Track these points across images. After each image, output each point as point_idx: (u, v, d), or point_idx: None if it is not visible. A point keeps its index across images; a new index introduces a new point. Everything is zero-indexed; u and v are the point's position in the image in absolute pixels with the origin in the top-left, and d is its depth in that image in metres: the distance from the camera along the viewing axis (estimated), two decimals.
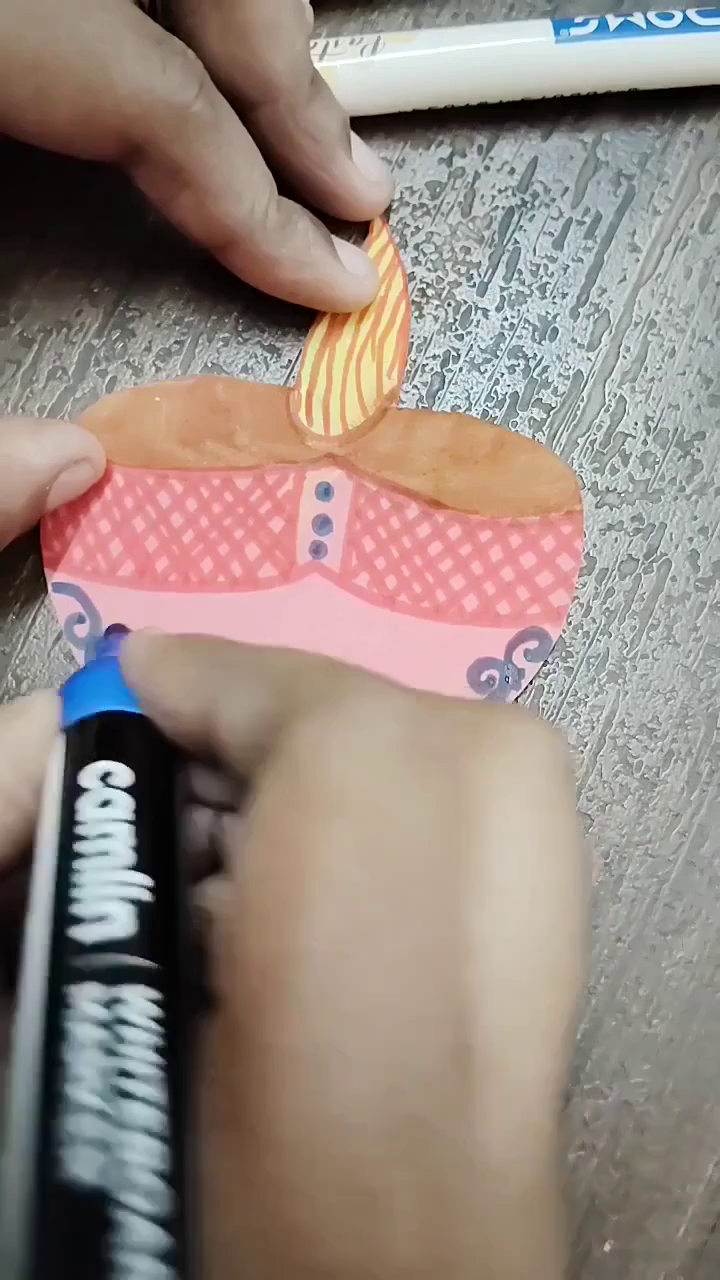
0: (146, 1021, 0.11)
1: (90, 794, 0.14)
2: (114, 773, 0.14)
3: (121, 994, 0.11)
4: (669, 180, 0.22)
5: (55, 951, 0.11)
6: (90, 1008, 0.11)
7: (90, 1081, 0.10)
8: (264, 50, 0.19)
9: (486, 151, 0.22)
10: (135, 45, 0.17)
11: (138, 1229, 0.09)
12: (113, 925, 0.12)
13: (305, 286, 0.20)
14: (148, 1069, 0.10)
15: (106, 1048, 0.10)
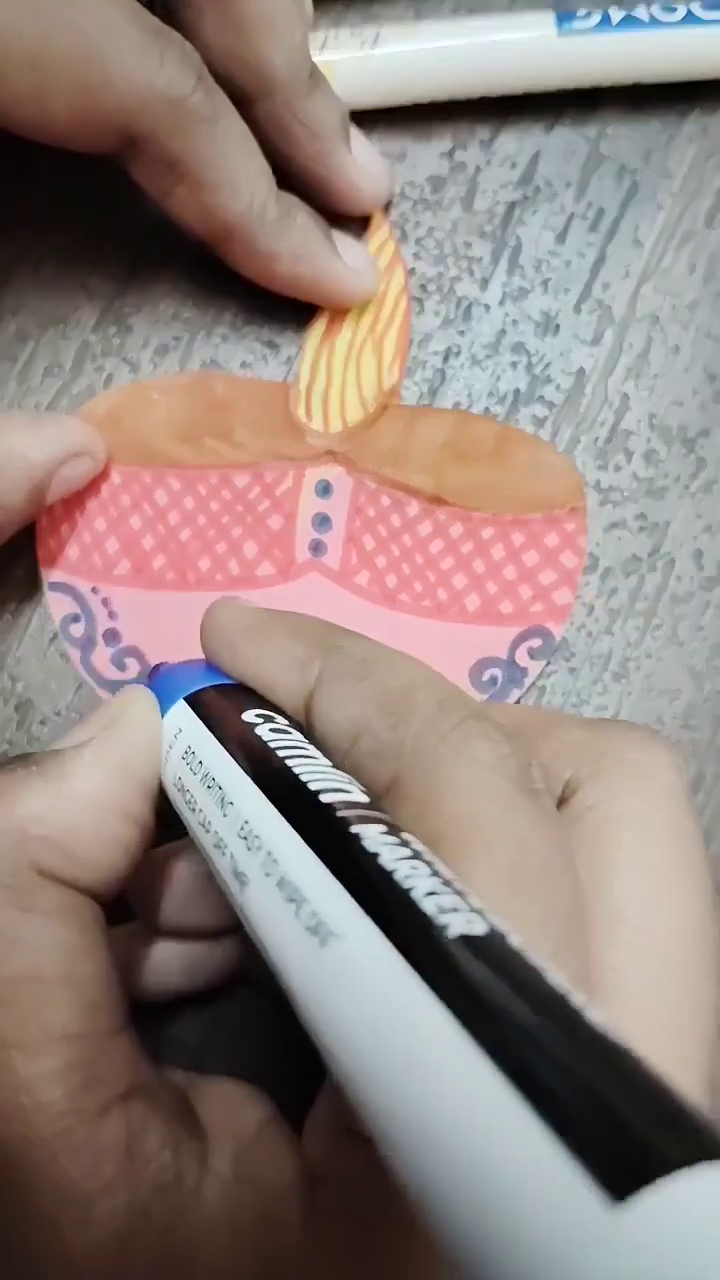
0: (421, 845, 0.11)
1: (260, 726, 0.14)
2: (271, 715, 0.14)
3: (402, 835, 0.11)
4: (673, 175, 0.22)
5: (313, 810, 0.12)
6: (382, 838, 0.11)
7: (420, 875, 0.10)
8: (262, 44, 0.18)
9: (488, 145, 0.22)
10: (133, 38, 0.17)
11: (527, 948, 0.09)
12: (354, 795, 0.12)
13: (304, 281, 0.20)
14: (441, 867, 0.11)
15: (415, 856, 0.11)
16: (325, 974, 0.10)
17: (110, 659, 0.21)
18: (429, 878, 0.10)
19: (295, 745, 0.13)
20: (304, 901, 0.11)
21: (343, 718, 0.14)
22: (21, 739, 0.21)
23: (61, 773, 0.14)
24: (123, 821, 0.14)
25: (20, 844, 0.13)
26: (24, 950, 0.13)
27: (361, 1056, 0.09)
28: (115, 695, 0.16)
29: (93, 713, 0.16)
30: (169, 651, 0.21)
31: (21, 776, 0.14)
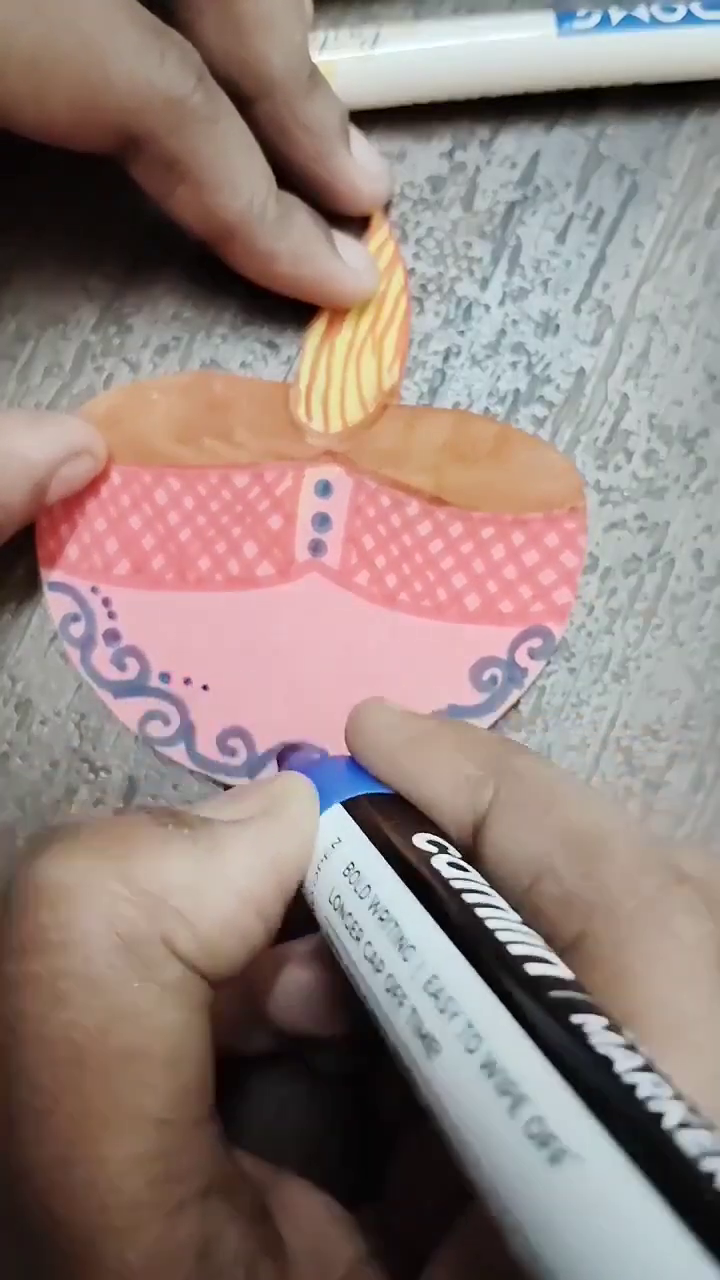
0: (650, 1052, 0.10)
1: (438, 857, 0.13)
2: (444, 844, 0.13)
3: (626, 1034, 0.10)
4: (673, 175, 0.22)
5: (522, 985, 0.10)
6: (608, 1035, 0.10)
7: (664, 1097, 0.09)
8: (261, 44, 0.18)
9: (488, 145, 0.22)
10: (133, 37, 0.17)
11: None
12: (560, 970, 0.11)
13: (304, 281, 0.20)
14: (680, 1086, 0.10)
15: (648, 1069, 0.09)
16: (554, 1193, 0.09)
17: (110, 659, 0.21)
18: (673, 1100, 0.09)
19: (480, 890, 0.12)
20: (524, 1101, 0.09)
21: (523, 854, 0.13)
22: (21, 739, 0.21)
23: (213, 848, 0.13)
24: (255, 918, 0.13)
25: (157, 911, 0.12)
26: (135, 1025, 0.12)
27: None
28: (277, 778, 0.15)
29: (252, 788, 0.15)
30: (169, 651, 0.21)
31: (172, 836, 0.13)
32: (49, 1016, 0.12)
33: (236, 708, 0.21)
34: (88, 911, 0.12)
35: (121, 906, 0.12)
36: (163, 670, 0.21)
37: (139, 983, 0.12)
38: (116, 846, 0.13)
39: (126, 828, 0.13)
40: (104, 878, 0.12)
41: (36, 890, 0.12)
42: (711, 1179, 0.08)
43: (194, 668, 0.21)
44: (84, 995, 0.12)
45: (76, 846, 0.13)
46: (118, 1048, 0.12)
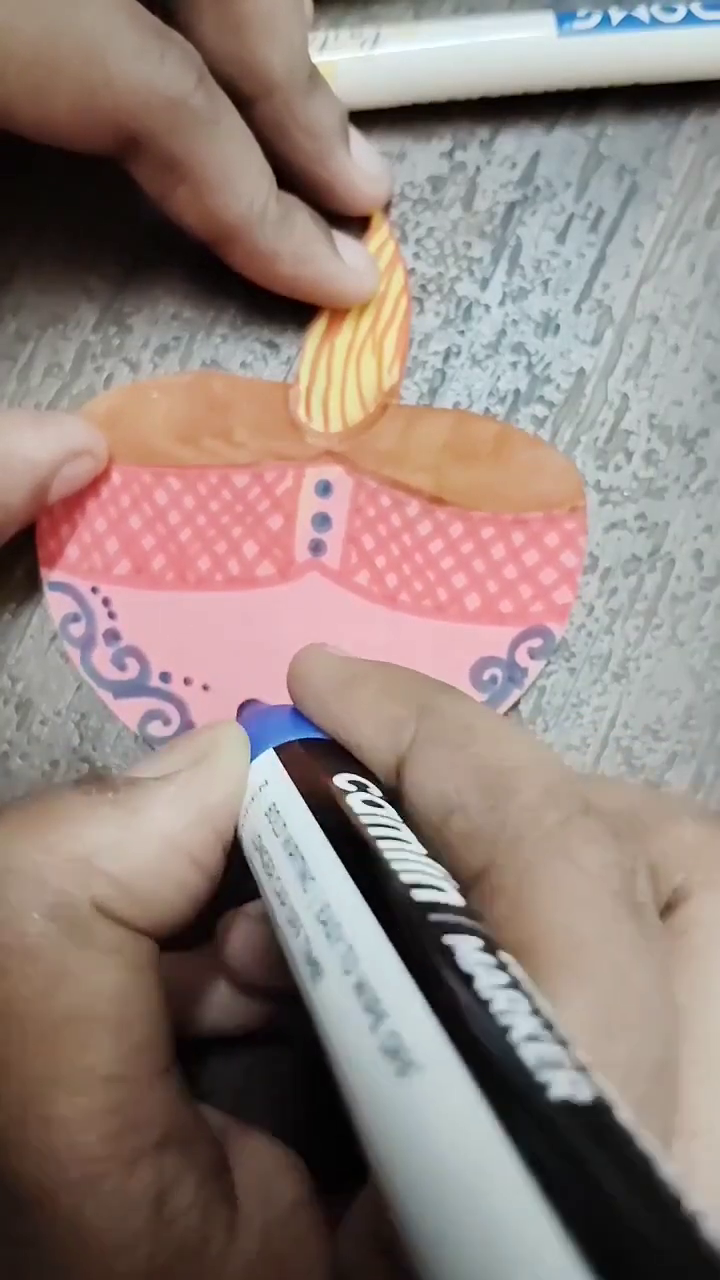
0: (521, 971, 0.10)
1: (353, 795, 0.13)
2: (364, 783, 0.13)
3: (500, 955, 0.10)
4: (673, 175, 0.22)
5: (404, 910, 0.11)
6: (478, 955, 0.10)
7: (519, 1011, 0.09)
8: (261, 45, 0.18)
9: (488, 145, 0.22)
10: (133, 38, 0.17)
11: (635, 1128, 0.08)
12: (449, 896, 0.11)
13: (305, 282, 0.20)
14: (542, 1002, 0.10)
15: (513, 985, 0.10)
16: (397, 1104, 0.09)
17: (110, 659, 0.21)
18: (529, 1016, 0.09)
19: (388, 824, 0.12)
20: (384, 1016, 0.10)
21: (436, 790, 0.13)
22: (21, 739, 0.21)
23: (136, 805, 0.14)
24: (190, 867, 0.14)
25: (83, 876, 0.13)
26: (74, 987, 0.12)
27: (422, 1200, 0.08)
28: (208, 727, 0.15)
29: (181, 740, 0.15)
30: (169, 651, 0.21)
31: (96, 802, 0.13)
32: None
33: (237, 707, 0.21)
34: (16, 884, 0.12)
35: (48, 875, 0.13)
36: (163, 670, 0.21)
37: (75, 948, 0.12)
38: (38, 819, 0.13)
39: (49, 801, 0.14)
40: (28, 849, 0.13)
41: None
42: (545, 1089, 0.08)
43: (194, 668, 0.21)
44: (21, 964, 0.12)
45: (7, 824, 0.13)
46: (60, 1012, 0.12)
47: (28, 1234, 0.12)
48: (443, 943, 0.10)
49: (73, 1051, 0.12)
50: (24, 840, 0.13)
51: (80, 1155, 0.12)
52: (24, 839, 0.13)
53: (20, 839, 0.13)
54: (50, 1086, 0.12)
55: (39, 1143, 0.12)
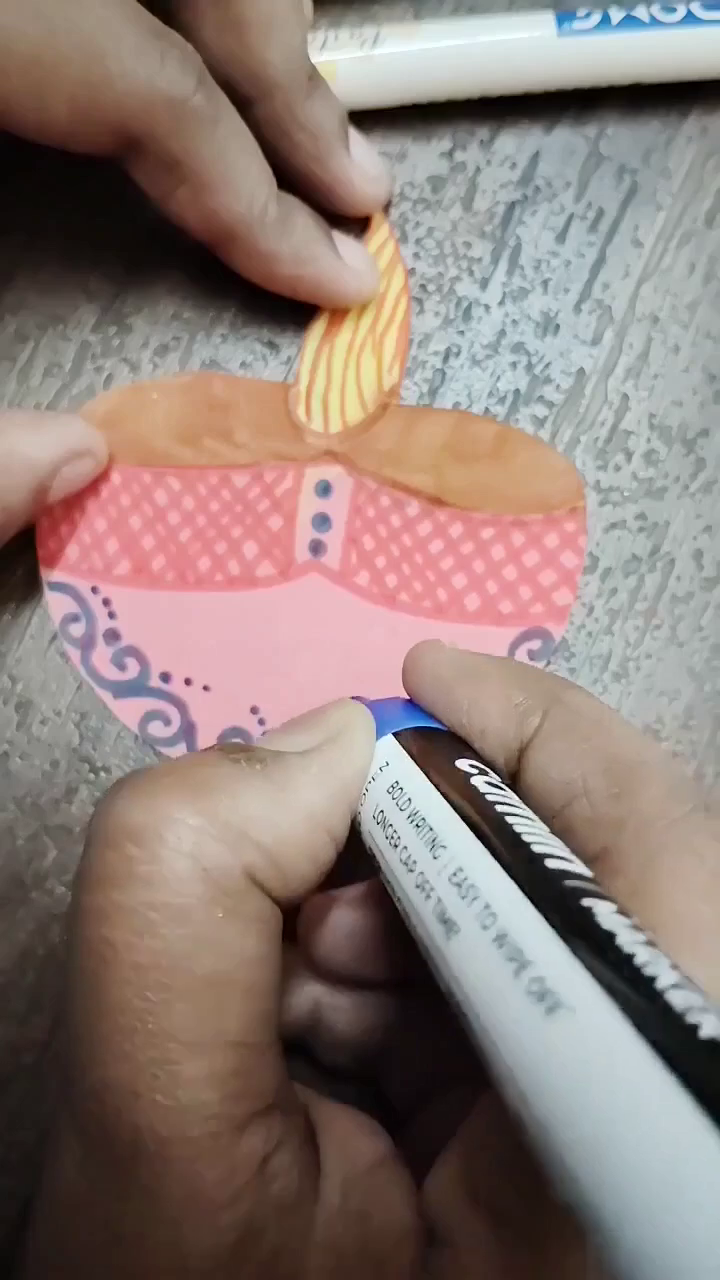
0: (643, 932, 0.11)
1: (476, 777, 0.14)
2: (484, 767, 0.14)
3: (632, 917, 0.11)
4: (672, 175, 0.22)
5: (540, 873, 0.11)
6: (615, 916, 0.11)
7: (661, 964, 0.10)
8: (260, 46, 0.18)
9: (488, 145, 0.22)
10: (134, 38, 0.17)
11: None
12: (578, 867, 0.12)
13: (305, 282, 0.20)
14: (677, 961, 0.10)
15: (651, 944, 0.10)
16: (548, 1044, 0.10)
17: (110, 659, 0.21)
18: (670, 970, 0.10)
19: (512, 803, 0.13)
20: (528, 964, 0.10)
21: (561, 775, 0.14)
22: (21, 739, 0.21)
23: (286, 780, 0.14)
24: (328, 841, 0.14)
25: (238, 844, 0.13)
26: (219, 951, 0.13)
27: (582, 1136, 0.09)
28: (335, 706, 0.16)
29: (312, 717, 0.16)
30: (169, 651, 0.21)
31: (249, 773, 0.14)
32: (137, 944, 0.12)
33: (237, 708, 0.21)
34: (175, 847, 0.13)
35: (206, 841, 0.13)
36: (163, 670, 0.21)
37: (223, 913, 0.13)
38: (197, 785, 0.13)
39: (204, 767, 0.14)
40: (188, 814, 0.13)
41: (122, 828, 0.13)
42: (696, 1030, 0.09)
43: (194, 668, 0.21)
44: (172, 925, 0.12)
45: (158, 787, 0.13)
46: (203, 974, 0.12)
47: (134, 1187, 0.12)
48: (581, 904, 0.11)
49: (209, 1014, 0.12)
50: (183, 804, 0.13)
51: (203, 1114, 0.12)
52: (183, 803, 0.13)
53: (180, 803, 0.13)
54: (184, 1046, 0.12)
55: (167, 1098, 0.12)
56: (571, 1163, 0.09)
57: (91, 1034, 0.12)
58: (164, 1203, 0.12)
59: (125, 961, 0.12)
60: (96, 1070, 0.12)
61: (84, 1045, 0.12)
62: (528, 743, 0.14)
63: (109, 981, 0.12)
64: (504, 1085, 0.10)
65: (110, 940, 0.12)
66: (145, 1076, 0.12)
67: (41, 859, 0.21)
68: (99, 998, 0.12)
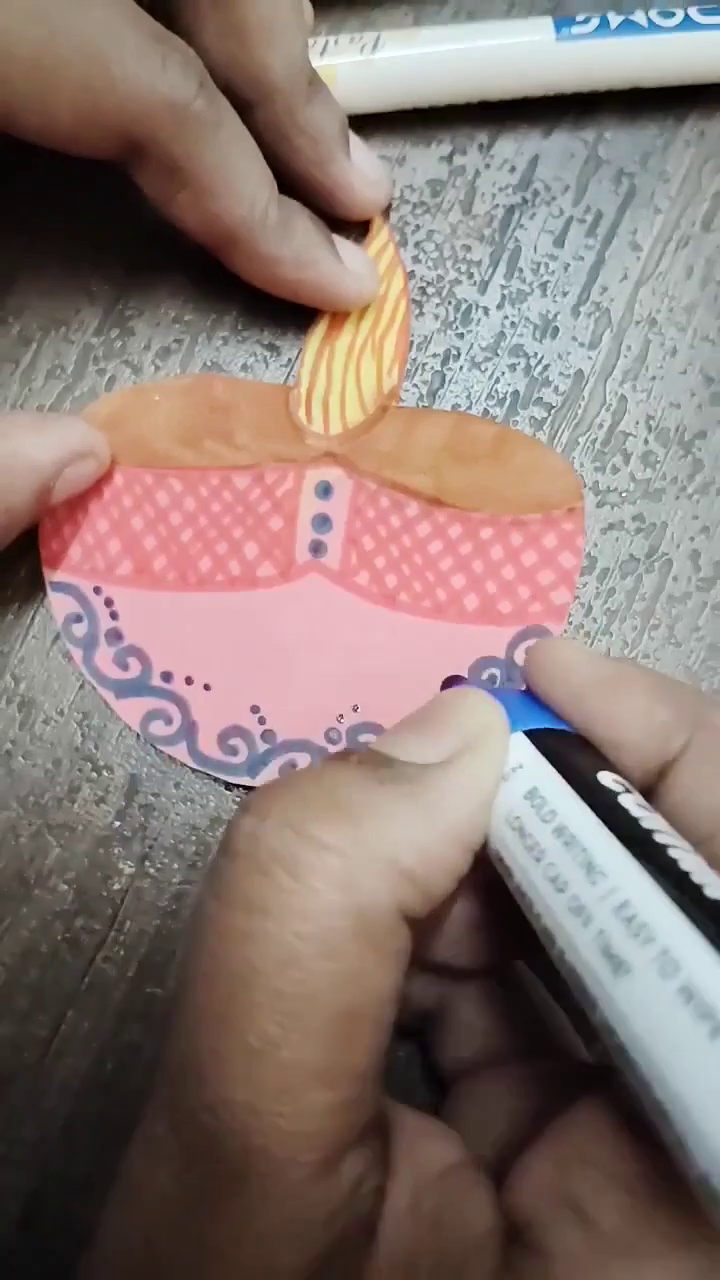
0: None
1: (625, 796, 0.13)
2: (628, 784, 0.14)
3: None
4: (670, 178, 0.22)
5: (714, 916, 0.11)
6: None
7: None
8: (261, 51, 0.18)
9: (487, 149, 0.22)
10: (136, 43, 0.17)
11: None
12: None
13: (305, 285, 0.20)
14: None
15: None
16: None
17: (112, 659, 0.21)
18: None
19: (667, 831, 0.13)
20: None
21: (711, 804, 0.13)
22: (24, 738, 0.21)
23: (431, 799, 0.13)
24: (468, 859, 0.14)
25: (390, 878, 0.13)
26: (359, 986, 0.12)
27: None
28: (464, 704, 0.15)
29: (440, 717, 0.15)
30: (170, 651, 0.21)
31: (394, 794, 0.13)
32: (281, 973, 0.12)
33: (238, 707, 0.21)
34: (329, 880, 0.12)
35: (360, 876, 0.12)
36: (164, 670, 0.21)
37: (371, 951, 0.12)
38: (348, 809, 0.13)
39: (351, 788, 0.13)
40: (342, 843, 0.12)
41: (272, 854, 0.13)
42: None
43: (195, 667, 0.21)
44: (319, 959, 0.12)
45: (310, 812, 0.13)
46: (342, 1009, 0.12)
47: (235, 1204, 0.12)
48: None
49: (342, 1048, 0.12)
50: (335, 831, 0.13)
51: (319, 1142, 0.12)
52: (335, 829, 0.13)
53: (331, 829, 0.13)
54: (313, 1076, 0.12)
55: (288, 1125, 0.12)
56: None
57: (215, 1050, 0.12)
58: (263, 1222, 0.12)
59: (266, 988, 0.12)
60: (216, 1086, 0.12)
61: (204, 1060, 0.12)
62: (671, 762, 0.14)
63: (246, 1004, 0.12)
64: (691, 1150, 0.10)
65: (253, 965, 0.12)
66: (270, 1101, 0.12)
67: (44, 857, 0.21)
68: (231, 1018, 0.12)
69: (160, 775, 0.21)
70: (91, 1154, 0.20)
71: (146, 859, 0.21)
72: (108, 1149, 0.20)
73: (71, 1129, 0.20)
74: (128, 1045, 0.20)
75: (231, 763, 0.21)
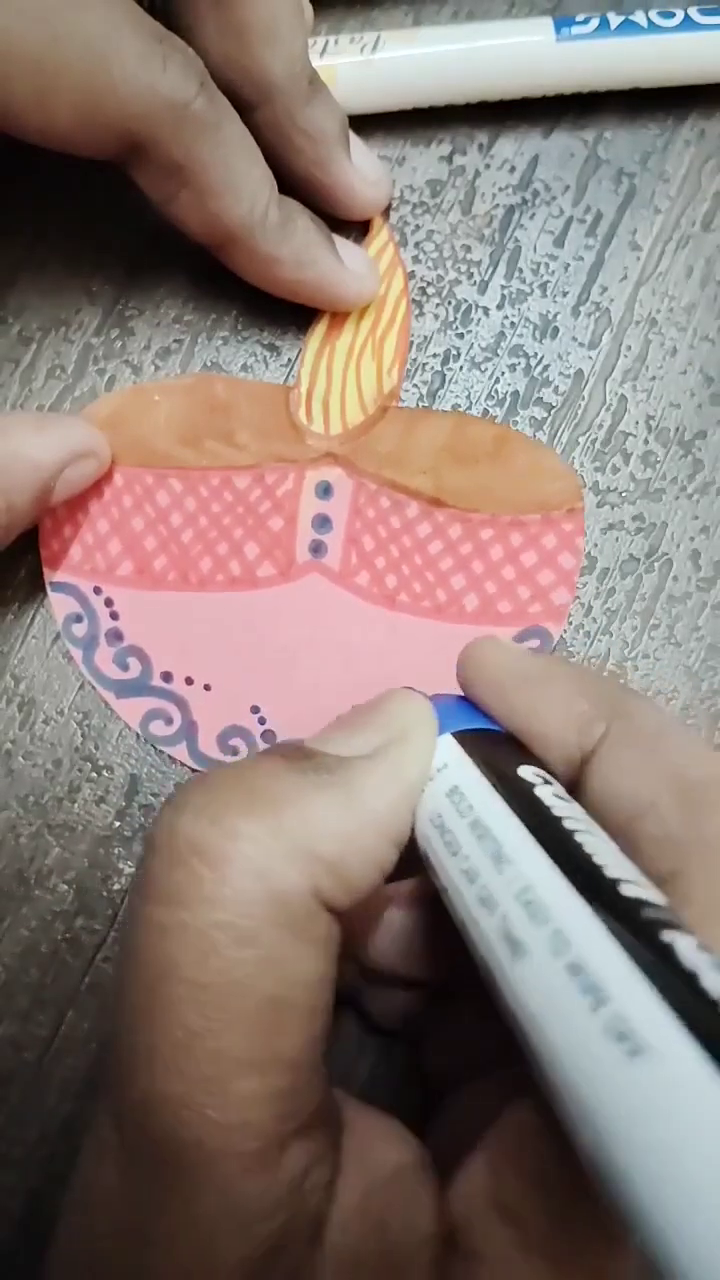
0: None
1: (541, 787, 0.13)
2: (549, 777, 0.14)
3: (714, 953, 0.11)
4: (670, 178, 0.22)
5: (615, 902, 0.11)
6: (697, 953, 0.10)
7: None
8: (261, 51, 0.18)
9: (487, 149, 0.22)
10: (136, 43, 0.17)
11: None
12: (654, 895, 0.11)
13: (305, 285, 0.20)
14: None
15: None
16: (629, 1088, 0.09)
17: (112, 659, 0.21)
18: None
19: (579, 819, 0.13)
20: (607, 1000, 0.10)
21: (628, 790, 0.13)
22: (24, 738, 0.21)
23: (353, 789, 0.13)
24: (392, 850, 0.14)
25: (308, 865, 0.13)
26: (282, 974, 0.12)
27: (663, 1183, 0.09)
28: (394, 702, 0.15)
29: (370, 714, 0.15)
30: (171, 651, 0.21)
31: (314, 782, 0.13)
32: (200, 964, 0.12)
33: (238, 707, 0.21)
34: (243, 868, 0.12)
35: (275, 862, 0.13)
36: (165, 670, 0.21)
37: (291, 936, 0.12)
38: (264, 798, 0.13)
39: (270, 778, 0.13)
40: (258, 832, 0.13)
41: (190, 845, 0.13)
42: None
43: (196, 668, 0.21)
44: (237, 948, 0.12)
45: (226, 802, 0.13)
46: (264, 995, 0.12)
47: (174, 1196, 0.12)
48: (661, 938, 0.10)
49: (268, 1035, 0.12)
50: (253, 821, 0.13)
51: (252, 1132, 0.12)
52: (253, 820, 0.13)
53: (249, 819, 0.13)
54: (240, 1065, 0.12)
55: (219, 1115, 0.12)
56: (649, 1207, 0.09)
57: (145, 1045, 0.12)
58: (202, 1213, 0.12)
59: (187, 979, 0.12)
60: (148, 1081, 0.12)
61: (137, 1055, 0.12)
62: (590, 752, 0.14)
63: (169, 997, 0.12)
64: (571, 1120, 0.10)
65: (173, 958, 0.12)
66: (198, 1092, 0.12)
67: (44, 857, 0.21)
68: (156, 1011, 0.12)
69: (160, 775, 0.21)
70: None
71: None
72: None
73: (71, 1129, 0.20)
74: None
75: (232, 763, 0.21)
